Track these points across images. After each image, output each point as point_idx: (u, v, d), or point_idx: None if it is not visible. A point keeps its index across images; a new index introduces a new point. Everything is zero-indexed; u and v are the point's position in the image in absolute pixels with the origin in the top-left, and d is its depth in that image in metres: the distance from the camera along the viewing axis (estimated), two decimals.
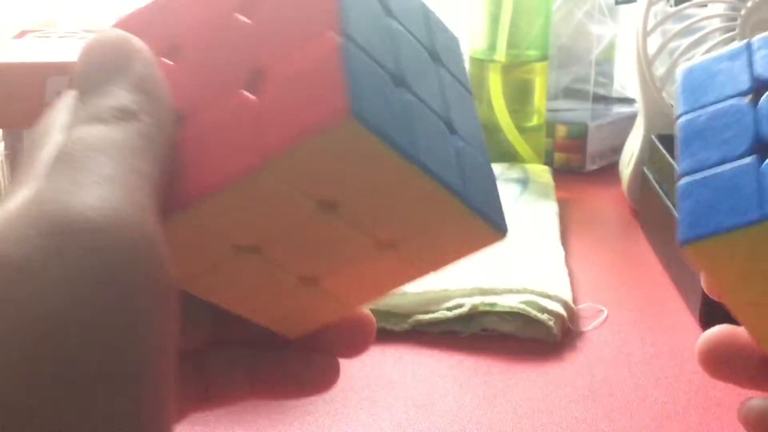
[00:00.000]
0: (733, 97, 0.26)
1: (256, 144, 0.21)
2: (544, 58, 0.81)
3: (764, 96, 0.25)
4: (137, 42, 0.23)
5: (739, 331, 0.29)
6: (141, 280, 0.19)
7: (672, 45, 0.75)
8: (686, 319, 0.58)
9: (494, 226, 0.24)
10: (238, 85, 0.22)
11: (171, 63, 0.24)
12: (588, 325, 0.57)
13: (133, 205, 0.19)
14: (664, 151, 0.67)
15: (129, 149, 0.20)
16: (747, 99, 0.26)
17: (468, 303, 0.55)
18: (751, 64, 0.26)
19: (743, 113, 0.25)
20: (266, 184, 0.21)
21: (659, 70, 0.75)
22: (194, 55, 0.24)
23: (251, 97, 0.21)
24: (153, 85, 0.22)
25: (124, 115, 0.21)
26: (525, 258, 0.61)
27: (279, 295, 0.25)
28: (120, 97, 0.22)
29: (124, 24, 0.25)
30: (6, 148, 0.59)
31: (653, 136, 0.70)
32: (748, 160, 0.24)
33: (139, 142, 0.21)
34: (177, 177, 0.21)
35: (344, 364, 0.28)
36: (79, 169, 0.19)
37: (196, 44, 0.24)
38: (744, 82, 0.26)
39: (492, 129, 0.81)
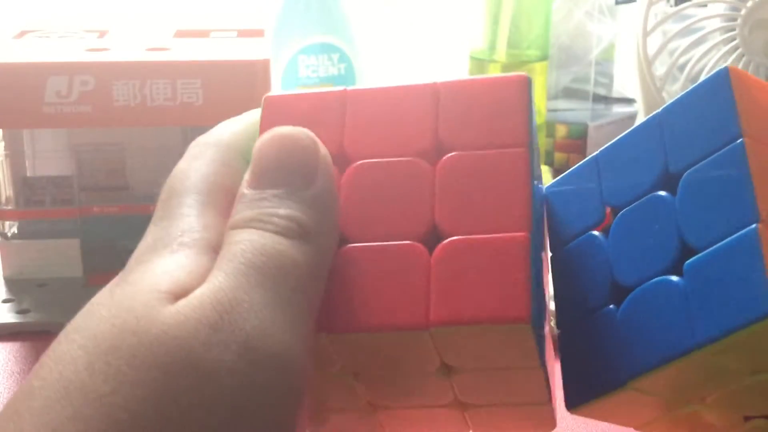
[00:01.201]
0: (588, 229, 0.25)
1: (426, 304, 0.22)
2: (544, 58, 0.81)
3: (613, 227, 0.24)
4: (324, 151, 0.23)
5: None
6: (292, 410, 0.20)
7: (672, 45, 0.75)
8: None
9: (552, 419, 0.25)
10: (413, 236, 0.23)
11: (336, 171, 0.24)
12: None
13: (300, 339, 0.21)
14: None
15: (306, 276, 0.21)
16: (599, 229, 0.25)
17: None
18: (600, 185, 0.26)
19: (599, 249, 0.25)
20: (416, 341, 0.22)
21: (659, 70, 0.75)
22: (363, 177, 0.24)
23: (427, 253, 0.22)
24: (330, 205, 0.23)
25: (302, 232, 0.21)
26: None
27: (350, 409, 0.26)
28: (300, 209, 0.22)
29: (295, 102, 0.25)
30: (6, 148, 0.59)
31: None
32: (607, 309, 0.24)
33: (313, 267, 0.21)
34: (329, 297, 0.22)
35: None
36: (265, 288, 0.20)
37: (367, 167, 0.24)
38: (596, 211, 0.25)
39: None
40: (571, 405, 0.25)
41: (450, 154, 0.23)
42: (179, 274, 0.21)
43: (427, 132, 0.24)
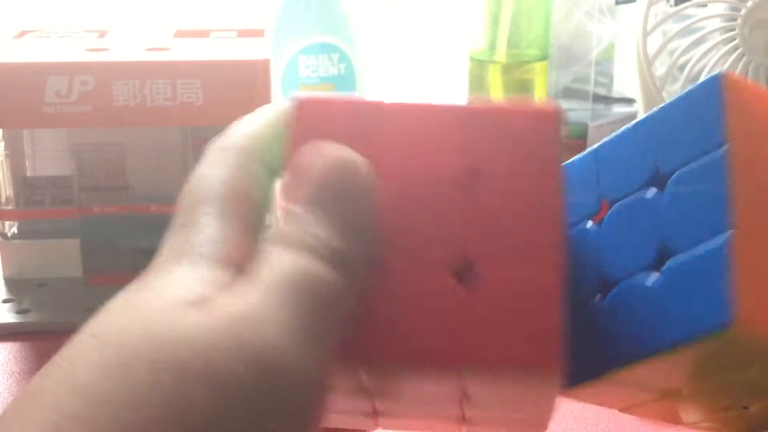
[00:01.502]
0: (583, 219, 0.26)
1: (456, 342, 0.22)
2: (544, 58, 0.81)
3: (605, 221, 0.25)
4: (372, 179, 0.23)
5: None
6: (305, 428, 0.20)
7: (672, 45, 0.75)
8: None
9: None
10: (445, 267, 0.23)
11: None
12: None
13: (318, 359, 0.21)
14: None
15: (335, 300, 0.21)
16: (594, 221, 0.25)
17: None
18: (598, 178, 0.26)
19: (591, 241, 0.25)
20: (442, 375, 0.22)
21: (659, 70, 0.75)
22: (392, 200, 0.23)
23: (461, 289, 0.22)
24: (371, 237, 0.23)
25: (344, 263, 0.22)
26: None
27: (349, 411, 0.26)
28: (342, 237, 0.22)
29: (330, 110, 0.24)
30: (6, 148, 0.59)
31: None
32: (595, 300, 0.24)
33: (344, 292, 0.21)
34: (359, 323, 0.22)
35: None
36: (290, 305, 0.21)
37: (398, 189, 0.23)
38: (592, 203, 0.26)
39: None
40: (568, 386, 0.25)
41: (482, 182, 0.23)
42: (198, 285, 0.21)
43: (459, 157, 0.24)
